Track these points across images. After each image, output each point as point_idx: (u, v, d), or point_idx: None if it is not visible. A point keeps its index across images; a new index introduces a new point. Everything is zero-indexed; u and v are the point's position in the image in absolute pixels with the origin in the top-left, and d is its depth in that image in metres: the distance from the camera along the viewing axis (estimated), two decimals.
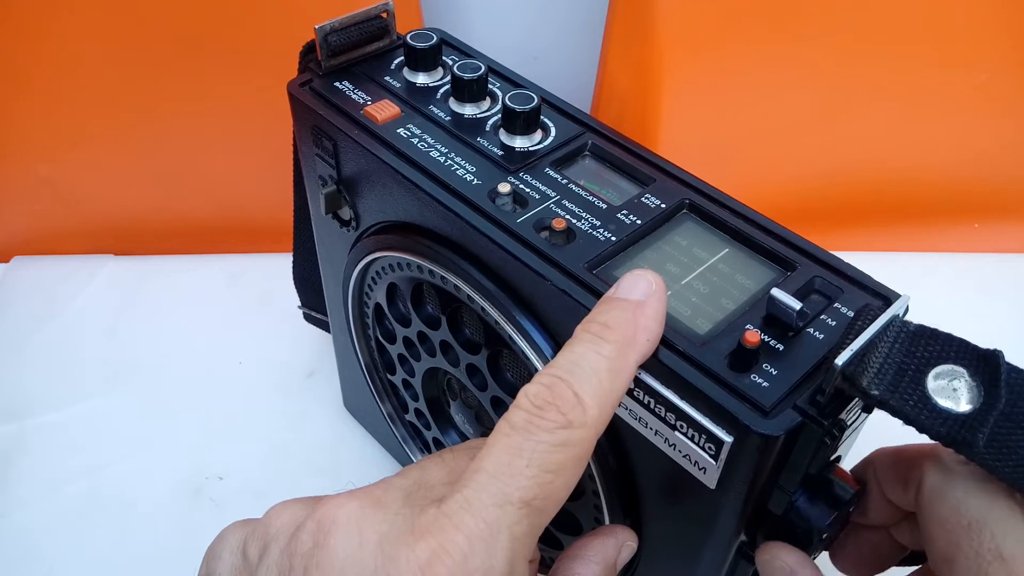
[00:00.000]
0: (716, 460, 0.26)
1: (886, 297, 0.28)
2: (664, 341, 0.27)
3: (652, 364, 0.27)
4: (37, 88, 0.58)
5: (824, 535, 0.28)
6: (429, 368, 0.39)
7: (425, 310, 0.37)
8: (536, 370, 0.31)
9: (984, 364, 0.25)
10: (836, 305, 0.28)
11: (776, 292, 0.27)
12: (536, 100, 0.34)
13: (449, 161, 0.33)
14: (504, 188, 0.32)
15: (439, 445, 0.43)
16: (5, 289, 0.64)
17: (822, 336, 0.27)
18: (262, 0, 0.54)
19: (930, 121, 0.55)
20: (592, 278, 0.29)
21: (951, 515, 0.26)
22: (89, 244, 0.65)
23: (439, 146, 0.34)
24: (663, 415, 0.27)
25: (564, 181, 0.33)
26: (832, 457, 0.28)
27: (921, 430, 0.24)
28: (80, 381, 0.56)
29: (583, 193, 0.32)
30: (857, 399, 0.25)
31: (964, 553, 0.25)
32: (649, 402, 0.27)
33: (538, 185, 0.33)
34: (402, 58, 0.39)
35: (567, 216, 0.31)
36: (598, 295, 0.28)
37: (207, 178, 0.60)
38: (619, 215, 0.31)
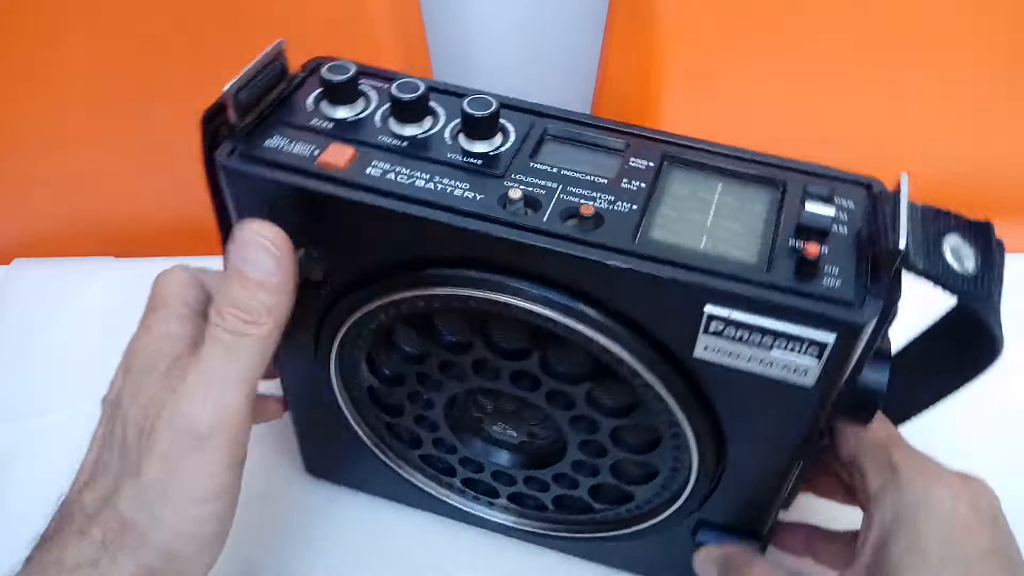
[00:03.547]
0: (819, 359, 0.30)
1: (868, 183, 0.33)
2: (738, 279, 0.29)
3: (740, 301, 0.29)
4: (37, 89, 0.58)
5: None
6: (451, 395, 0.39)
7: (444, 340, 0.36)
8: (607, 352, 0.32)
9: (978, 232, 0.31)
10: (838, 201, 0.33)
11: (810, 205, 0.30)
12: (494, 102, 0.34)
13: (439, 185, 0.33)
14: (515, 194, 0.32)
15: (467, 464, 0.43)
16: (5, 291, 0.64)
17: (844, 230, 0.31)
18: (262, 1, 0.52)
19: (930, 120, 0.56)
20: (642, 248, 0.30)
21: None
22: (90, 246, 0.65)
23: (418, 173, 0.33)
24: (759, 341, 0.30)
25: (554, 170, 0.34)
26: None
27: (953, 292, 0.30)
28: (80, 383, 0.50)
29: (578, 175, 0.34)
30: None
31: (872, 430, 0.36)
32: (742, 335, 0.30)
33: (536, 180, 0.33)
34: (314, 95, 0.36)
35: (585, 200, 0.32)
36: (657, 262, 0.30)
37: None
38: (623, 185, 0.33)
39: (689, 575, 0.42)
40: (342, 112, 0.36)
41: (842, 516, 0.42)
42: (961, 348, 0.33)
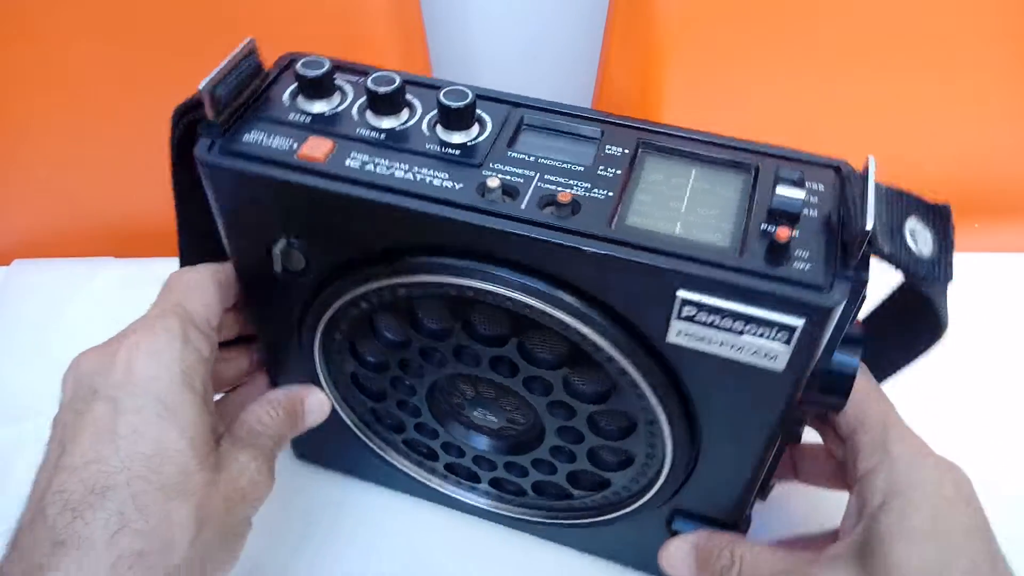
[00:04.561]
0: (789, 344, 0.30)
1: (837, 165, 0.34)
2: (710, 263, 0.30)
3: (712, 286, 0.30)
4: (37, 90, 0.58)
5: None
6: (433, 380, 0.40)
7: (424, 327, 0.37)
8: (582, 337, 0.33)
9: (937, 214, 0.31)
10: (808, 185, 0.33)
11: (781, 189, 0.31)
12: (470, 93, 0.35)
13: (418, 175, 0.33)
14: (493, 183, 0.32)
15: (449, 449, 0.44)
16: (5, 292, 0.64)
17: (815, 213, 0.32)
18: (262, 2, 0.53)
19: (931, 120, 0.56)
20: (617, 234, 0.31)
21: (858, 390, 0.36)
22: (89, 247, 0.65)
23: (396, 164, 0.34)
24: (730, 326, 0.31)
25: (531, 158, 0.34)
26: None
27: (912, 276, 0.31)
28: None
29: (555, 163, 0.34)
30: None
31: (870, 411, 0.37)
32: (713, 320, 0.31)
33: (513, 169, 0.34)
34: (289, 91, 0.37)
35: (561, 188, 0.33)
36: (631, 247, 0.30)
37: None
38: (599, 172, 0.34)
39: None
40: (319, 106, 0.36)
41: (823, 504, 0.43)
42: (907, 330, 0.34)
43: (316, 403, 0.43)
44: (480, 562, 0.48)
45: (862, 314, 0.39)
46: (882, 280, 0.32)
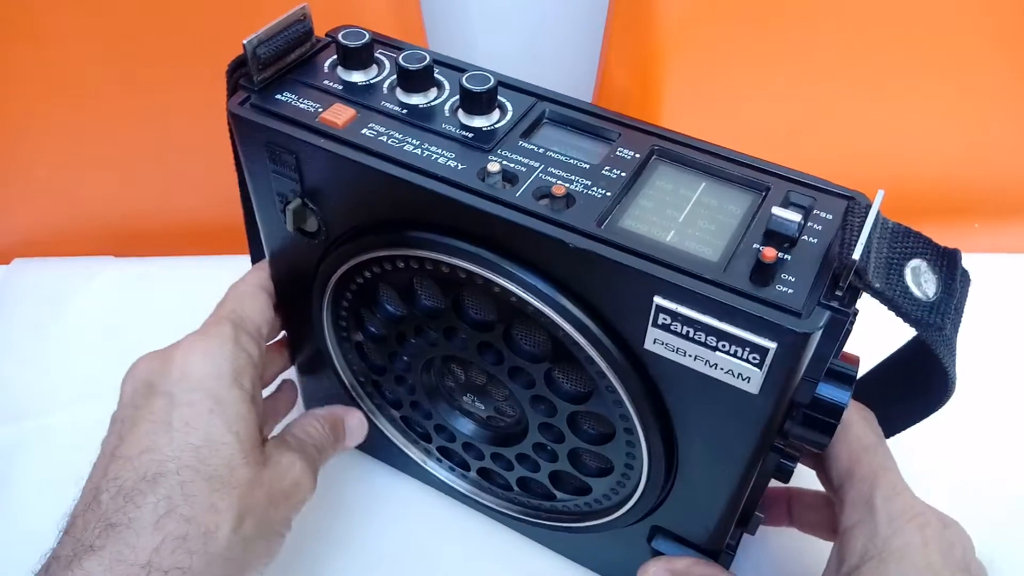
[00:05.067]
0: (761, 367, 0.29)
1: (852, 196, 0.33)
2: (690, 274, 0.29)
3: (687, 296, 0.29)
4: (37, 89, 0.58)
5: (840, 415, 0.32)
6: (426, 360, 0.40)
7: (420, 303, 0.38)
8: (563, 333, 0.33)
9: (945, 259, 0.30)
10: (816, 212, 0.32)
11: (776, 211, 0.30)
12: (492, 79, 0.35)
13: (426, 152, 0.34)
14: (494, 167, 0.33)
15: (441, 431, 0.44)
16: (6, 291, 0.64)
17: (816, 240, 0.31)
18: (262, 2, 0.52)
19: (930, 120, 0.56)
20: (605, 232, 0.31)
21: (853, 440, 0.36)
22: (89, 246, 0.65)
23: (409, 139, 0.35)
24: (704, 340, 0.30)
25: (541, 150, 0.35)
26: None
27: (904, 317, 0.29)
28: (81, 383, 0.55)
29: (562, 158, 0.34)
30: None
31: (862, 463, 0.35)
32: (688, 332, 0.30)
33: (519, 158, 0.34)
34: (332, 59, 0.38)
35: (560, 182, 0.33)
36: (616, 247, 0.30)
37: (207, 179, 0.56)
38: (603, 172, 0.34)
39: None
40: (355, 76, 0.38)
41: (818, 551, 0.41)
42: (914, 383, 0.32)
43: (357, 422, 0.45)
44: (466, 551, 0.48)
45: (873, 363, 0.37)
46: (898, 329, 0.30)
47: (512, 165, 0.34)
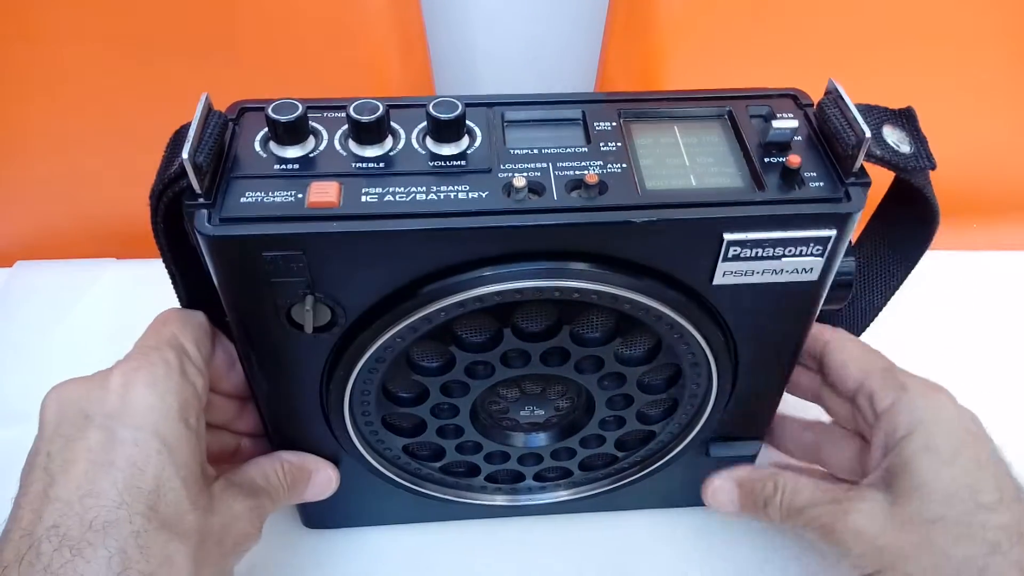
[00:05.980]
0: (823, 256, 0.34)
1: (794, 95, 0.38)
2: (743, 203, 0.33)
3: (752, 223, 0.32)
4: (39, 91, 0.58)
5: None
6: (476, 396, 0.39)
7: (467, 343, 0.37)
8: (629, 306, 0.34)
9: (904, 118, 0.36)
10: (779, 114, 0.37)
11: (776, 123, 0.34)
12: (458, 103, 0.34)
13: (441, 194, 0.33)
14: (519, 182, 0.33)
15: (492, 458, 0.43)
16: (8, 293, 0.64)
17: (801, 137, 0.36)
18: (261, 3, 0.52)
19: (930, 119, 0.55)
20: (652, 198, 0.33)
21: (858, 353, 0.41)
22: (91, 248, 0.65)
23: (414, 188, 0.33)
24: (772, 254, 0.33)
25: (535, 151, 0.35)
26: None
27: (901, 171, 0.35)
28: None
29: (559, 150, 0.35)
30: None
31: (874, 363, 0.40)
32: (756, 252, 0.33)
33: (524, 165, 0.34)
34: (258, 140, 0.34)
35: (578, 171, 0.34)
36: (673, 207, 0.32)
37: None
38: (602, 148, 0.35)
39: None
40: (297, 151, 0.34)
41: None
42: (910, 217, 0.39)
43: (325, 480, 0.42)
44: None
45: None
46: None
47: (526, 175, 0.34)
